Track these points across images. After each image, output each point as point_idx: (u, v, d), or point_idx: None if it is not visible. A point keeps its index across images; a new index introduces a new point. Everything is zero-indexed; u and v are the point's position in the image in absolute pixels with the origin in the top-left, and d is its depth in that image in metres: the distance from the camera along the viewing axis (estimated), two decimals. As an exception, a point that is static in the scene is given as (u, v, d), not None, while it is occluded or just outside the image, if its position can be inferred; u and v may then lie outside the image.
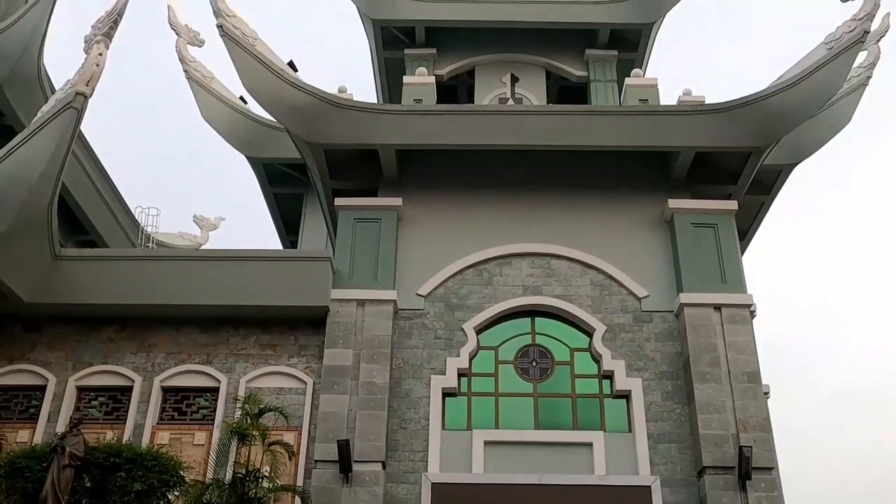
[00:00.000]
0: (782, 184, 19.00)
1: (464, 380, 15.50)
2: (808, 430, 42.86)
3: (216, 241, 27.66)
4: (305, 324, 15.72)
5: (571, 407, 15.30)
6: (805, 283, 53.99)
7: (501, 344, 15.89)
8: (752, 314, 15.75)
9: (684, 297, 15.56)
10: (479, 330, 15.85)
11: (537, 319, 16.09)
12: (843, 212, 59.54)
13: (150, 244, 22.24)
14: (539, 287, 16.18)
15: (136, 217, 23.02)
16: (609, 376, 15.44)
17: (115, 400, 15.37)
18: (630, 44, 21.74)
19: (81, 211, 20.76)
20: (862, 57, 19.06)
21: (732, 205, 16.69)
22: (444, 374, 15.35)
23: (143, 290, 15.55)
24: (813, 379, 47.64)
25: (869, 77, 19.37)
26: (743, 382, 14.81)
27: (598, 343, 15.59)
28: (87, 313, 15.70)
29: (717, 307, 15.50)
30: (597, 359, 15.61)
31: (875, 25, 17.66)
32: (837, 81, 16.21)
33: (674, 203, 16.49)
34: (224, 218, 28.34)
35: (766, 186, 18.87)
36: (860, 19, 16.04)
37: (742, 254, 17.75)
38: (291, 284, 15.60)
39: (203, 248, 26.49)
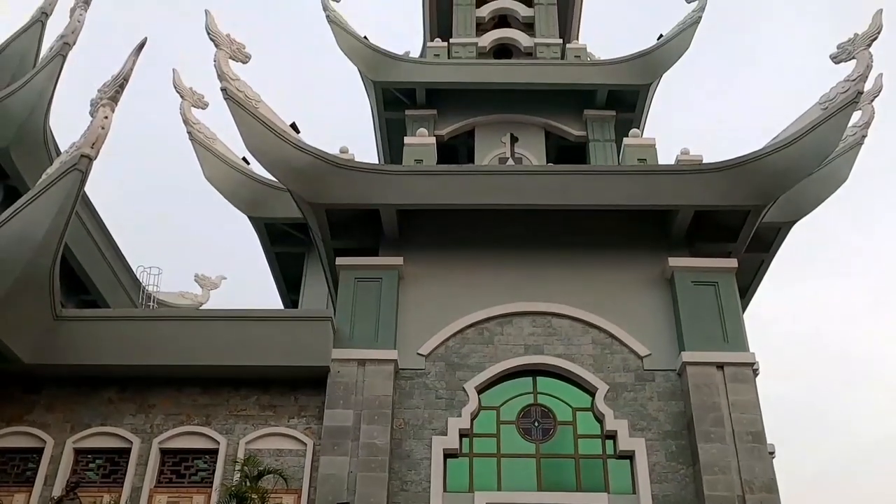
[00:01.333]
0: (782, 241, 19.09)
1: (465, 440, 15.34)
2: (815, 488, 42.23)
3: (217, 300, 27.71)
4: (306, 384, 15.61)
5: (574, 468, 15.09)
6: (808, 339, 53.76)
7: (503, 404, 15.76)
8: (755, 372, 15.65)
9: (686, 356, 15.50)
10: (481, 390, 15.74)
11: (539, 379, 15.99)
12: (843, 268, 59.64)
13: (151, 304, 22.25)
14: (540, 346, 16.13)
15: (138, 276, 23.11)
16: (612, 436, 15.28)
17: (112, 462, 15.16)
18: (627, 104, 22.10)
19: (83, 270, 20.86)
20: (856, 116, 19.36)
21: (732, 262, 16.72)
22: (446, 434, 15.20)
23: (144, 350, 15.48)
24: (819, 436, 47.15)
25: (864, 136, 19.62)
26: (747, 442, 14.65)
27: (600, 402, 15.47)
28: (88, 374, 15.60)
29: (720, 366, 15.41)
30: (599, 419, 15.48)
31: (868, 86, 17.94)
32: (833, 141, 16.40)
33: (674, 261, 16.54)
34: (225, 277, 28.45)
35: (766, 244, 18.96)
36: (854, 80, 16.31)
37: (743, 311, 17.74)
38: (292, 344, 15.54)
39: (204, 307, 26.50)
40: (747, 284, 19.63)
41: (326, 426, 14.97)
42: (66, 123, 20.22)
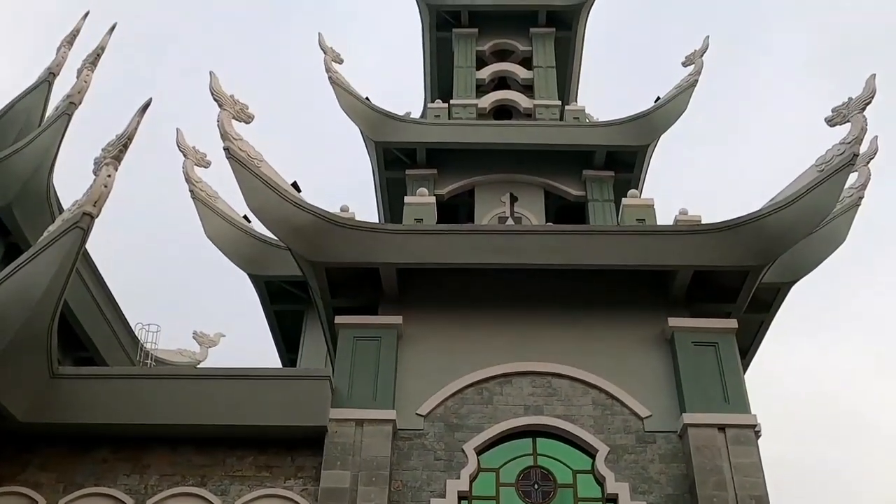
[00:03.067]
0: (781, 301, 19.05)
1: (464, 503, 15.09)
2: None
3: (216, 358, 27.57)
4: (303, 444, 15.38)
5: (575, 532, 14.83)
6: (810, 400, 53.26)
7: (502, 465, 15.52)
8: (757, 434, 15.46)
9: (687, 418, 15.33)
10: (480, 451, 15.52)
11: (539, 440, 15.78)
12: (846, 328, 59.44)
13: (149, 361, 22.11)
14: (540, 406, 15.97)
15: (136, 333, 23.00)
16: (613, 500, 15.01)
17: (104, 524, 14.91)
18: (626, 165, 22.32)
19: (81, 327, 20.77)
20: (853, 178, 19.51)
21: (732, 323, 16.66)
22: (444, 497, 14.92)
23: (140, 409, 15.30)
24: (824, 498, 46.36)
25: (861, 197, 19.75)
26: (751, 507, 14.40)
27: (601, 465, 15.24)
28: (83, 432, 15.39)
29: (721, 427, 15.23)
30: (600, 481, 15.24)
31: (864, 148, 18.10)
32: (830, 202, 16.51)
33: (674, 322, 16.48)
34: (224, 334, 28.34)
35: (766, 304, 18.90)
36: (849, 143, 16.48)
37: (745, 372, 17.61)
38: (290, 403, 15.37)
39: (201, 365, 26.37)
40: (748, 345, 19.53)
41: (323, 488, 14.72)
42: (70, 181, 20.42)
